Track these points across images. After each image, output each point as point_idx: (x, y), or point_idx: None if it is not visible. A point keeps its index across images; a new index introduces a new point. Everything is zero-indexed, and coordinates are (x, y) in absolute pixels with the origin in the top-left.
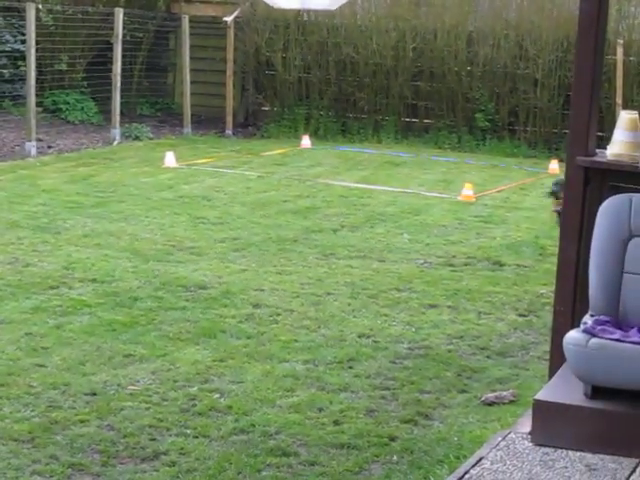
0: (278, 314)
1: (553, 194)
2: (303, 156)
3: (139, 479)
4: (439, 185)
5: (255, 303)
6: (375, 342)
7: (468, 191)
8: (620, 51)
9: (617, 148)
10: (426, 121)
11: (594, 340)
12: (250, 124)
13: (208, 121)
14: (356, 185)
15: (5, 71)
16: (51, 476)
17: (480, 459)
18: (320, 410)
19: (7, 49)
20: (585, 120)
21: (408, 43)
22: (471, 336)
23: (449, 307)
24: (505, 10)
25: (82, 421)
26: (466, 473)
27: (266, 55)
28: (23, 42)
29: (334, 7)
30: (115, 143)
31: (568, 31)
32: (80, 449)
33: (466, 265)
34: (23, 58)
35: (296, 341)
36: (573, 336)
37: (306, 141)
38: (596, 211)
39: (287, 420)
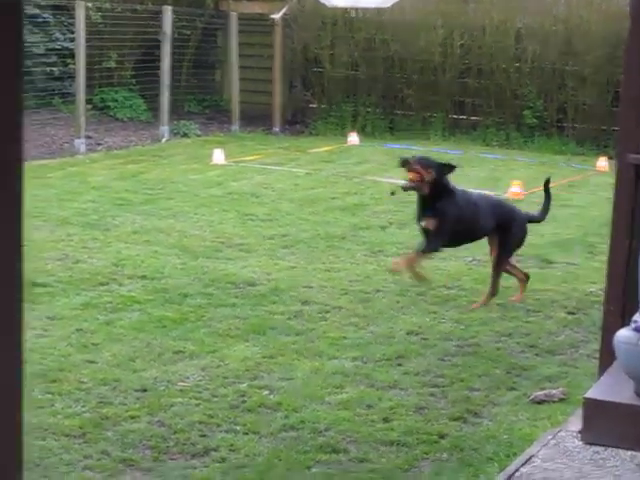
0: (327, 311)
1: (404, 163)
2: (351, 153)
3: (189, 475)
4: (487, 182)
5: (304, 300)
6: (424, 339)
7: (516, 188)
8: None
9: None
10: (474, 118)
11: None
12: (297, 121)
13: (256, 118)
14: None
15: (55, 69)
16: (102, 471)
17: (530, 457)
18: (369, 407)
19: (57, 47)
20: (635, 117)
21: (456, 40)
22: (520, 334)
23: (498, 304)
24: (554, 6)
25: (133, 417)
26: (516, 471)
27: (314, 52)
28: (72, 40)
29: (388, 4)
30: (163, 140)
31: (617, 27)
32: (131, 445)
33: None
34: (72, 56)
35: (345, 338)
36: (624, 334)
37: (353, 138)
38: None
39: (337, 417)
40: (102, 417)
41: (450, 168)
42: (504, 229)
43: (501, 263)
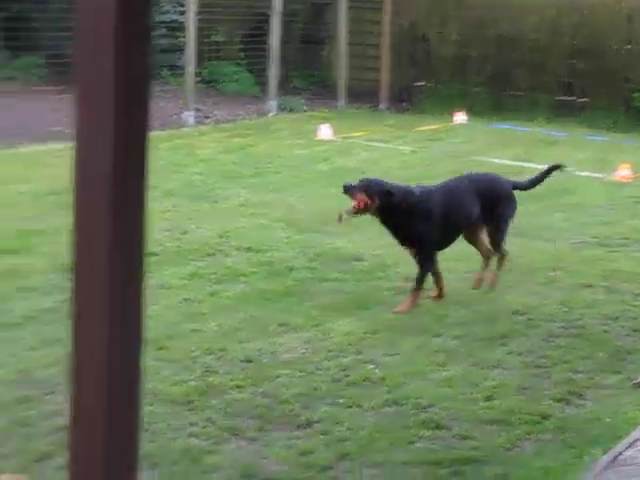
0: (431, 288)
1: (347, 189)
2: (457, 132)
3: (293, 446)
4: (593, 165)
5: (408, 276)
6: (529, 320)
7: (624, 171)
8: None
9: None
10: (581, 100)
11: None
12: (404, 99)
13: (362, 95)
14: (509, 162)
15: (164, 41)
16: (207, 439)
17: (635, 441)
18: (473, 385)
19: (166, 20)
20: None
21: (565, 19)
22: (626, 317)
23: (604, 287)
24: None
25: (238, 387)
26: (620, 454)
27: (422, 30)
28: (182, 13)
29: None
30: (270, 114)
31: None
32: (236, 414)
33: (621, 246)
34: (181, 29)
35: (449, 316)
36: None
37: (460, 117)
38: None
39: (440, 394)
40: (208, 385)
41: (390, 194)
42: (491, 204)
43: (500, 237)
